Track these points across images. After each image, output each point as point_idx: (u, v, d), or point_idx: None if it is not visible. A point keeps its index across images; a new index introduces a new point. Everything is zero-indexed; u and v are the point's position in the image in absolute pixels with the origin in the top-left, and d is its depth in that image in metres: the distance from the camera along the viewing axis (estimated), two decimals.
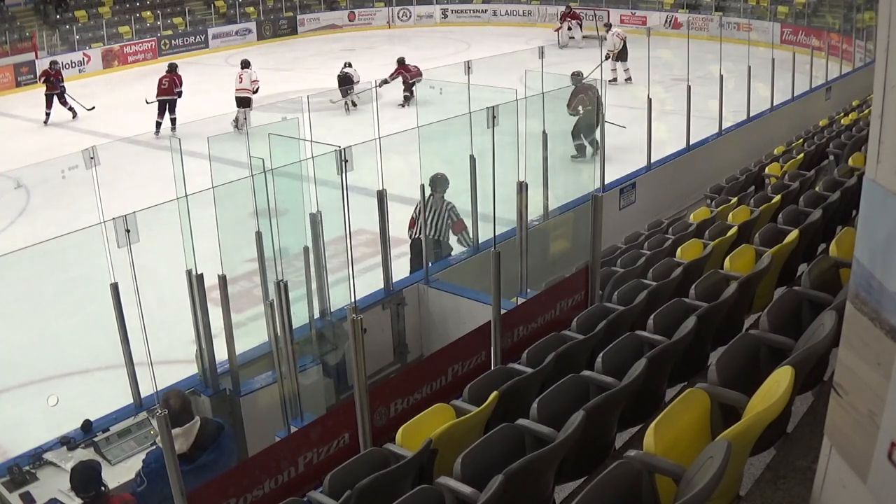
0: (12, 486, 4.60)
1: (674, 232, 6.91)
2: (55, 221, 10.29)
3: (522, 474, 3.05)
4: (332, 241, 6.01)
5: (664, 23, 25.82)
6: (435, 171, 7.49)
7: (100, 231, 4.30)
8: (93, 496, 4.12)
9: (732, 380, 3.26)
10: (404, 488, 3.44)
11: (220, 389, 5.45)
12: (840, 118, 11.74)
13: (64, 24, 24.25)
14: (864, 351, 2.41)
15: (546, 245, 8.09)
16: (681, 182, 10.19)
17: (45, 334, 7.57)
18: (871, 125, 2.41)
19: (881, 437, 2.33)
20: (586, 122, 11.55)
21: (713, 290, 4.65)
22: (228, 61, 23.39)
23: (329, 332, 6.11)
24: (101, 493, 4.15)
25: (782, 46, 18.36)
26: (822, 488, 2.76)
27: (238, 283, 6.66)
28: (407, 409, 4.63)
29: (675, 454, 2.81)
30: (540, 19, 28.70)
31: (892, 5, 2.24)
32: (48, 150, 14.53)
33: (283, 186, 5.37)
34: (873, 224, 2.42)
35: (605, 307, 4.92)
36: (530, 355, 4.47)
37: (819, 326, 3.35)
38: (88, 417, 5.06)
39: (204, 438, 4.28)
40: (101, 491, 4.16)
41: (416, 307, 6.68)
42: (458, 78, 7.75)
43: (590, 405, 3.38)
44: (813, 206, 5.84)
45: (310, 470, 4.16)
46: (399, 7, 30.39)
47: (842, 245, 4.37)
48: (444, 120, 6.84)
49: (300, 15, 28.97)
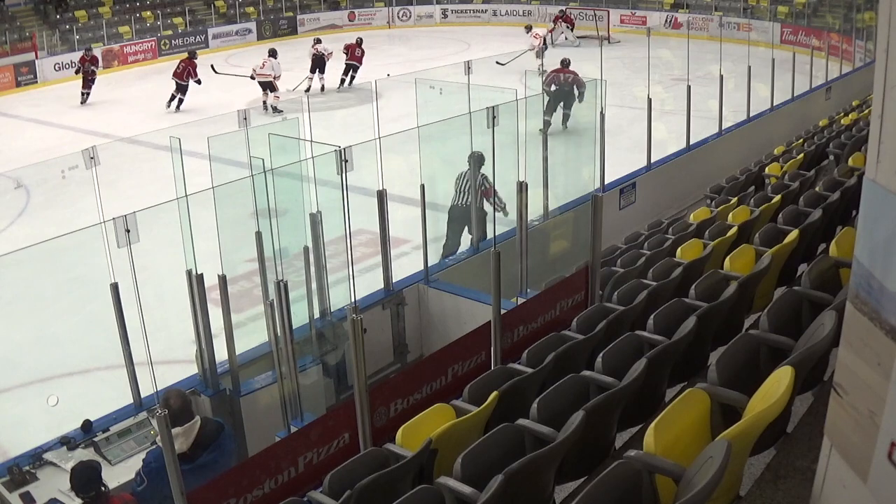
0: (12, 486, 4.60)
1: (674, 232, 6.91)
2: (55, 221, 10.29)
3: (522, 474, 3.05)
4: (332, 241, 6.00)
5: (664, 23, 25.82)
6: (435, 170, 7.50)
7: (100, 231, 4.30)
8: (93, 496, 4.11)
9: (732, 380, 3.26)
10: (404, 488, 3.44)
11: (220, 389, 5.45)
12: (840, 118, 11.73)
13: (64, 24, 24.25)
14: (864, 351, 2.41)
15: (546, 245, 8.09)
16: (681, 182, 10.19)
17: (45, 334, 7.57)
18: (871, 125, 2.41)
19: (881, 437, 2.33)
20: (555, 99, 12.90)
21: (713, 290, 4.65)
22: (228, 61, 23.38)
23: (329, 332, 6.11)
24: (101, 493, 4.14)
25: (782, 46, 18.38)
26: (822, 488, 2.76)
27: (238, 283, 6.66)
28: (407, 409, 4.63)
29: (675, 454, 2.81)
30: (540, 19, 28.70)
31: (892, 5, 2.24)
32: (48, 150, 14.53)
33: (283, 186, 5.37)
34: (873, 224, 2.42)
35: (605, 307, 4.92)
36: (530, 355, 4.47)
37: (819, 326, 3.35)
38: (88, 417, 5.06)
39: (204, 438, 4.28)
40: (102, 491, 4.15)
41: (416, 307, 6.68)
42: (458, 78, 7.75)
43: (590, 405, 3.38)
44: (813, 206, 5.84)
45: (310, 470, 4.16)
46: (399, 7, 30.40)
47: (842, 245, 4.37)
48: (445, 120, 6.84)
49: (300, 15, 28.98)
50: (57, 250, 5.65)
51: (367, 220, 6.39)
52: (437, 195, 7.73)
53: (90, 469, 4.18)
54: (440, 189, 7.96)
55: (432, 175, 7.45)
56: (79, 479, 4.11)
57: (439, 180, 7.88)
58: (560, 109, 13.02)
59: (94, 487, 4.11)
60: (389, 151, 6.19)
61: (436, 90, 8.13)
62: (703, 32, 23.20)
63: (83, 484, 4.10)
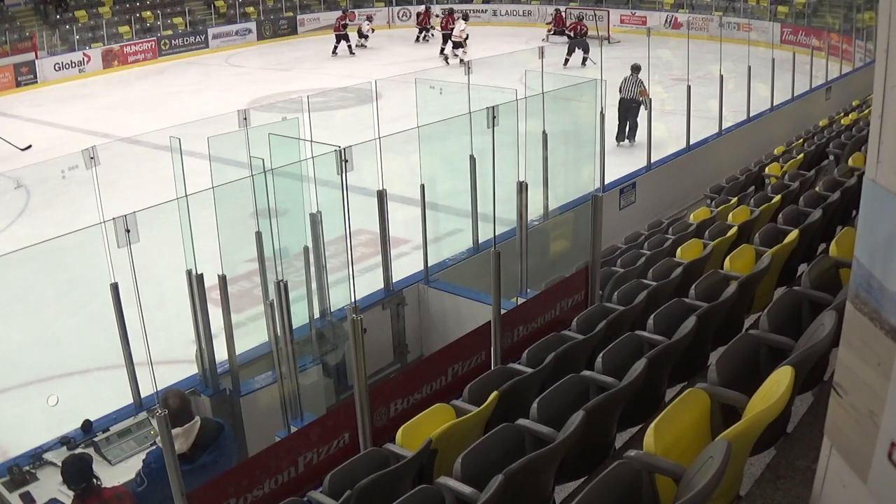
0: (12, 486, 4.59)
1: (674, 232, 6.91)
2: (55, 221, 10.29)
3: (522, 474, 3.05)
4: (332, 241, 6.00)
5: (664, 23, 25.80)
6: (435, 171, 7.50)
7: (100, 231, 4.29)
8: (84, 488, 4.11)
9: (732, 380, 3.26)
10: (404, 488, 3.44)
11: (220, 389, 5.45)
12: (840, 118, 11.73)
13: (64, 24, 24.24)
14: (864, 351, 2.41)
15: (546, 245, 8.09)
16: (681, 182, 10.19)
17: (45, 334, 7.56)
18: (871, 125, 2.41)
19: (881, 437, 2.33)
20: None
21: (713, 290, 4.64)
22: (228, 61, 23.41)
23: (329, 332, 6.11)
24: (91, 485, 4.14)
25: (782, 46, 18.37)
26: (822, 488, 2.76)
27: (238, 283, 6.66)
28: (407, 409, 4.63)
29: (675, 454, 2.81)
30: (540, 19, 28.70)
31: (892, 5, 2.24)
32: (48, 150, 14.54)
33: (283, 186, 5.37)
34: (873, 224, 2.42)
35: (605, 307, 4.92)
36: (530, 355, 4.47)
37: (819, 326, 3.35)
38: (88, 417, 5.06)
39: (204, 438, 4.28)
40: (93, 483, 4.15)
41: (416, 307, 6.68)
42: (458, 78, 7.75)
43: (590, 405, 3.38)
44: (813, 206, 5.84)
45: (310, 470, 4.16)
46: (399, 7, 30.39)
47: (842, 245, 4.37)
48: (444, 120, 6.84)
49: (300, 15, 28.97)
50: (57, 250, 5.65)
51: (367, 220, 6.39)
52: (437, 195, 7.72)
53: (80, 461, 4.19)
54: (440, 189, 7.96)
55: (432, 175, 7.44)
56: (69, 471, 4.12)
57: (439, 180, 7.88)
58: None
59: (84, 479, 4.11)
60: (389, 151, 6.19)
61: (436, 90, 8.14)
62: (703, 32, 23.19)
63: (72, 476, 4.11)
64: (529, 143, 7.67)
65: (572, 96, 9.49)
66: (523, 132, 7.23)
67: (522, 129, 7.15)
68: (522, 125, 7.10)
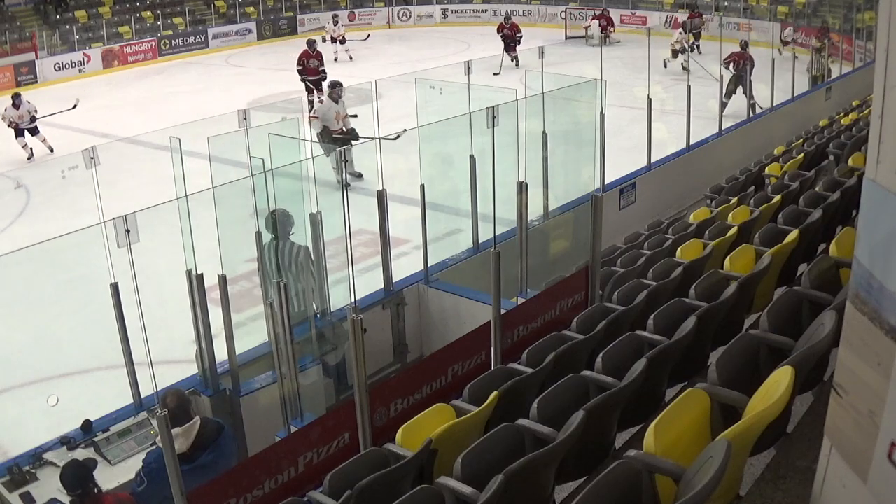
0: (12, 486, 4.59)
1: (674, 232, 6.91)
2: (55, 221, 10.28)
3: (522, 474, 3.05)
4: (332, 241, 6.00)
5: (664, 23, 25.78)
6: (435, 171, 7.50)
7: (100, 231, 4.29)
8: (79, 494, 4.10)
9: (732, 380, 3.26)
10: (404, 488, 3.44)
11: (220, 389, 5.45)
12: (840, 118, 11.73)
13: (64, 24, 24.24)
14: (864, 351, 2.41)
15: (546, 245, 8.09)
16: (681, 182, 10.19)
17: (45, 334, 7.56)
18: (871, 125, 2.41)
19: (881, 437, 2.33)
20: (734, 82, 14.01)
21: (713, 290, 4.65)
22: (228, 61, 23.41)
23: (329, 332, 6.11)
24: (88, 492, 4.13)
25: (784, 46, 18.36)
26: (822, 488, 2.76)
27: (238, 283, 6.66)
28: (407, 409, 4.63)
29: (675, 454, 2.81)
30: (540, 19, 28.70)
31: (892, 5, 2.24)
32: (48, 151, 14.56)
33: (283, 186, 5.37)
34: (873, 224, 2.42)
35: (605, 307, 4.92)
36: (530, 355, 4.47)
37: (819, 326, 3.35)
38: (88, 417, 5.06)
39: (204, 438, 4.28)
40: (91, 490, 4.14)
41: (416, 307, 6.68)
42: (458, 78, 7.75)
43: (590, 405, 3.38)
44: (813, 206, 5.84)
45: (310, 470, 4.16)
46: (399, 7, 30.38)
47: (842, 245, 4.37)
48: (444, 120, 6.84)
49: (300, 15, 28.96)
50: (57, 250, 5.65)
51: (367, 220, 6.39)
52: (436, 195, 7.72)
53: (79, 467, 4.19)
54: (440, 189, 7.96)
55: (432, 175, 7.44)
56: (66, 476, 4.12)
57: (439, 180, 7.88)
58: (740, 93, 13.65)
59: (80, 486, 4.11)
60: (389, 151, 6.19)
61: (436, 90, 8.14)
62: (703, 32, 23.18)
63: (68, 482, 4.11)
64: (529, 143, 7.66)
65: (572, 96, 9.48)
66: (523, 132, 7.22)
67: (522, 129, 7.15)
68: (522, 125, 7.10)
